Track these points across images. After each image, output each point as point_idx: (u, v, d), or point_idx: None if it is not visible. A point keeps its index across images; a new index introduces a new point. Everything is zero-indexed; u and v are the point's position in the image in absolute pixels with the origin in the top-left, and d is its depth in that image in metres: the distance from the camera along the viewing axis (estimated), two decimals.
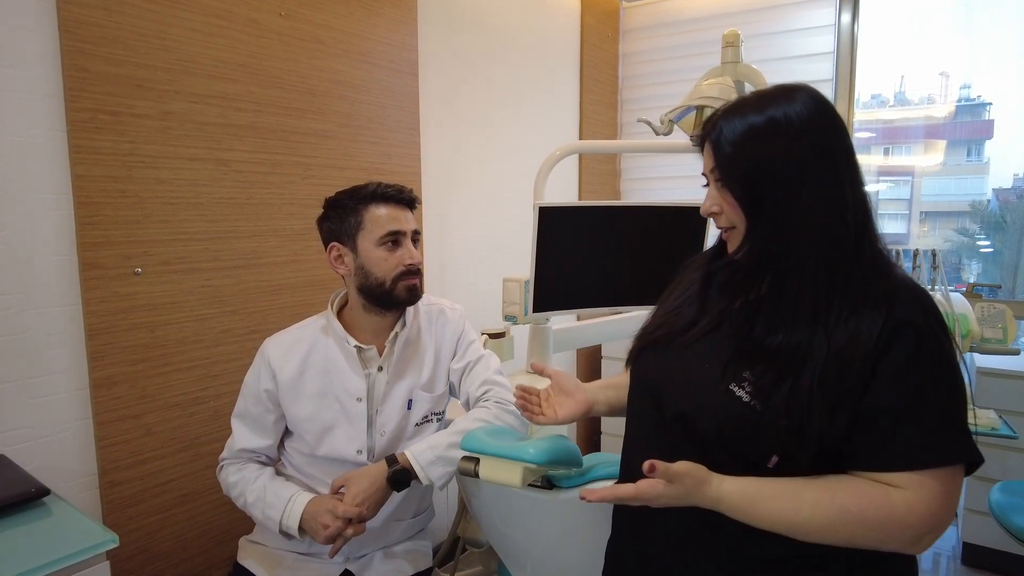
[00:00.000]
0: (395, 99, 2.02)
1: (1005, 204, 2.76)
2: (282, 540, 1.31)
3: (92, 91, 1.34)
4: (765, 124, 0.82)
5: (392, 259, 1.27)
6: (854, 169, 0.83)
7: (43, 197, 1.31)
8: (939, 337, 0.78)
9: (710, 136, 0.87)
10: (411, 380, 1.33)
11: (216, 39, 1.55)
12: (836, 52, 2.72)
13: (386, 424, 1.30)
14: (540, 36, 2.73)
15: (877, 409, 0.76)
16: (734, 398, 0.81)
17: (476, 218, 2.46)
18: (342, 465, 1.29)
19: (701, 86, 1.67)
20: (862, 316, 0.78)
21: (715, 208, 0.89)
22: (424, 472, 1.21)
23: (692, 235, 1.99)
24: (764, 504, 0.79)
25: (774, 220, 0.82)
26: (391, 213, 1.28)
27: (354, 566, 1.31)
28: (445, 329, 1.41)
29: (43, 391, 1.33)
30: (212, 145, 1.56)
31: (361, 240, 1.28)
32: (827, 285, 0.80)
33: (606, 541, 1.06)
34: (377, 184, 1.29)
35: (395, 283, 1.28)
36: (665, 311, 1.00)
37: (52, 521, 1.06)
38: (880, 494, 0.76)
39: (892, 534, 0.75)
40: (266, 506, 1.25)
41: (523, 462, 1.05)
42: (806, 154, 0.81)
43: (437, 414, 1.38)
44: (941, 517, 0.75)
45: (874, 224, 0.84)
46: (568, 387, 1.12)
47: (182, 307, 1.53)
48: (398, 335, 1.33)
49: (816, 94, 0.84)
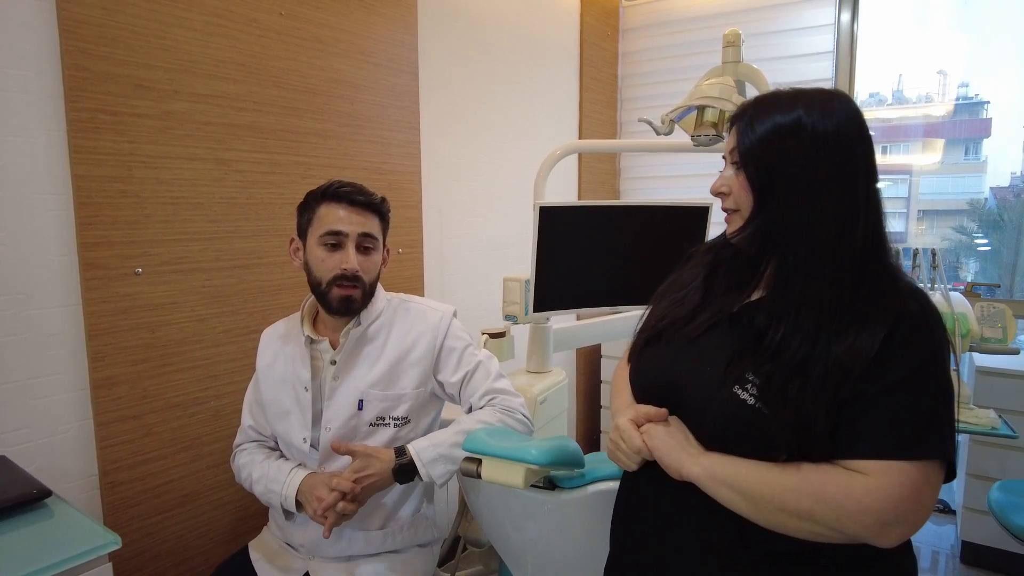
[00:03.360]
0: (395, 98, 2.02)
1: (1003, 203, 2.76)
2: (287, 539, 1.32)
3: (92, 91, 1.33)
4: (791, 125, 0.83)
5: (329, 261, 1.25)
6: (872, 181, 0.83)
7: (43, 197, 1.30)
8: (933, 336, 0.79)
9: (739, 120, 0.88)
10: (361, 378, 1.29)
11: (216, 38, 1.55)
12: (836, 51, 2.71)
13: (332, 420, 1.28)
14: (540, 35, 2.73)
15: (856, 396, 0.77)
16: (738, 401, 0.82)
17: (475, 217, 2.46)
18: (291, 450, 1.33)
19: (702, 86, 1.67)
20: (865, 325, 0.78)
21: (724, 188, 0.90)
22: (425, 469, 1.21)
23: (693, 234, 1.99)
24: (737, 463, 0.81)
25: (782, 211, 0.83)
26: (339, 213, 1.25)
27: (355, 565, 1.30)
28: (421, 334, 1.33)
29: (43, 392, 1.32)
30: (212, 145, 1.56)
31: (309, 236, 1.28)
32: (834, 291, 0.80)
33: (607, 541, 1.06)
34: (333, 182, 1.27)
35: (329, 287, 1.25)
36: (669, 302, 1.00)
37: (54, 523, 1.05)
38: (841, 474, 0.77)
39: (849, 515, 0.75)
40: (269, 480, 1.29)
41: (525, 463, 1.05)
42: (824, 165, 0.81)
43: (396, 418, 1.30)
44: (907, 509, 0.75)
45: (886, 238, 0.84)
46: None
47: (182, 307, 1.52)
48: (350, 331, 1.30)
49: (852, 106, 0.84)
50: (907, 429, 0.76)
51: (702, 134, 1.67)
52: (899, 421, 0.76)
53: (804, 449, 0.78)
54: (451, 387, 1.34)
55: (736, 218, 0.90)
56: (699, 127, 1.67)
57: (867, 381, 0.76)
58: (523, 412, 1.33)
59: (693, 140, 1.70)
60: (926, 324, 0.78)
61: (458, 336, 1.36)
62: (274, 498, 1.27)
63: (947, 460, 0.77)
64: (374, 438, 1.29)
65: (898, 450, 0.75)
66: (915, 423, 0.76)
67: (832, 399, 0.77)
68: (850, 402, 0.77)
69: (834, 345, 0.78)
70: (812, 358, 0.78)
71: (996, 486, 1.87)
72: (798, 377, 0.78)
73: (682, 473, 0.84)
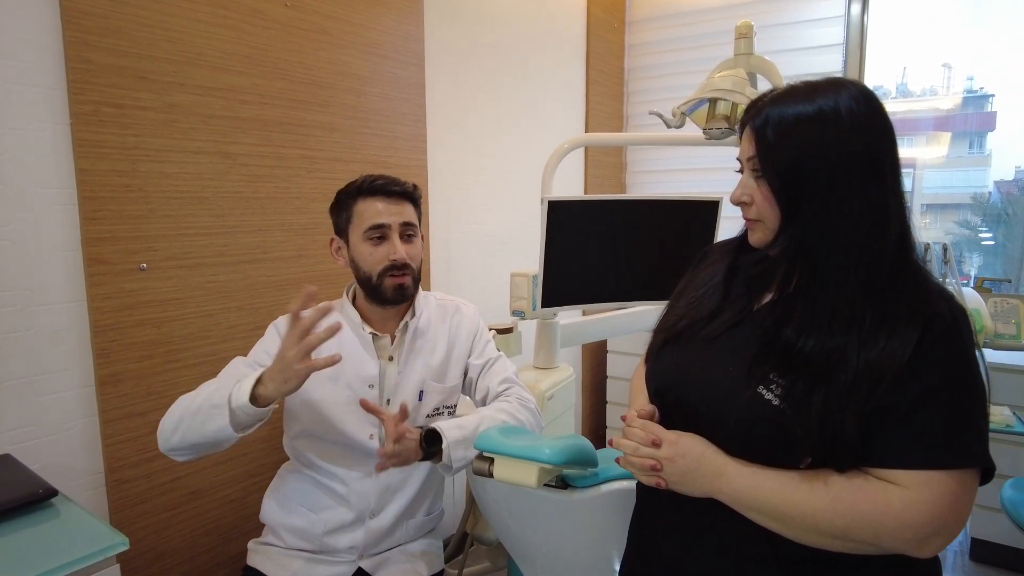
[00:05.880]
0: (401, 91, 1.99)
1: (1007, 197, 2.74)
2: (292, 540, 1.29)
3: (95, 83, 1.31)
4: (815, 115, 0.79)
5: (377, 254, 1.27)
6: (898, 175, 0.80)
7: (47, 192, 1.28)
8: (964, 339, 0.76)
9: (752, 122, 0.84)
10: (422, 370, 1.33)
11: (221, 30, 1.52)
12: (846, 43, 2.68)
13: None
14: (546, 27, 2.70)
15: (889, 404, 0.74)
16: (763, 401, 0.79)
17: (481, 211, 2.44)
18: (353, 451, 1.28)
19: (714, 78, 1.64)
20: (896, 329, 0.75)
21: (746, 198, 0.86)
22: (448, 450, 1.15)
23: (704, 229, 1.97)
24: (762, 486, 0.78)
25: (812, 219, 0.79)
26: (377, 207, 1.27)
27: (368, 564, 1.29)
28: (460, 325, 1.40)
29: (48, 389, 1.31)
30: (218, 138, 1.53)
31: (351, 234, 1.29)
32: (864, 293, 0.77)
33: (619, 540, 1.05)
34: (366, 177, 1.29)
35: (380, 279, 1.27)
36: (687, 301, 0.97)
37: (61, 523, 1.04)
38: (876, 488, 0.74)
39: (888, 531, 0.73)
40: (212, 393, 1.09)
41: (539, 462, 1.03)
42: (855, 153, 0.78)
43: (448, 407, 1.37)
44: (947, 521, 0.73)
45: (912, 234, 0.81)
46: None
47: (188, 303, 1.50)
48: (408, 324, 1.33)
49: (870, 93, 0.80)
50: (944, 437, 0.73)
51: (714, 127, 1.64)
52: (936, 429, 0.74)
53: (830, 454, 0.76)
54: (473, 369, 1.39)
55: (760, 228, 0.86)
56: (711, 120, 1.64)
57: (900, 387, 0.74)
58: (536, 408, 1.35)
59: (705, 133, 1.68)
60: (957, 327, 0.76)
61: (486, 329, 1.45)
62: (219, 405, 1.06)
63: (984, 466, 0.75)
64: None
65: (936, 460, 0.73)
66: (952, 430, 0.74)
67: (863, 406, 0.74)
68: (883, 409, 0.74)
69: (864, 350, 0.75)
70: (840, 364, 0.75)
71: (1008, 483, 1.86)
72: (823, 384, 0.75)
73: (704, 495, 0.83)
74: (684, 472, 0.83)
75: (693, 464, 0.83)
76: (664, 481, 0.85)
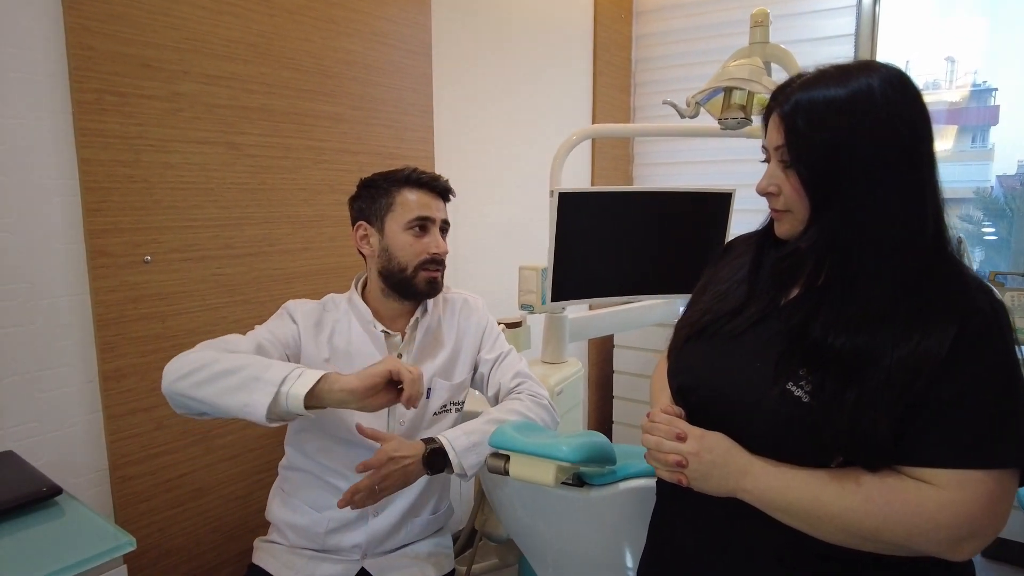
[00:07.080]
0: (408, 81, 1.96)
1: (1010, 191, 2.71)
2: (295, 538, 1.27)
3: (98, 71, 1.28)
4: (848, 101, 0.75)
5: (418, 245, 1.26)
6: (934, 165, 0.77)
7: (48, 182, 1.25)
8: (1004, 335, 0.73)
9: (780, 108, 0.80)
10: (430, 368, 1.30)
11: (226, 17, 1.49)
12: (856, 34, 2.65)
13: (406, 412, 1.25)
14: (553, 17, 2.66)
15: (925, 401, 0.71)
16: (792, 398, 0.76)
17: (489, 204, 2.40)
18: (359, 449, 1.24)
19: (729, 67, 1.60)
20: (932, 324, 0.72)
21: (772, 188, 0.82)
22: (459, 459, 1.14)
23: (715, 221, 1.93)
24: (790, 485, 0.76)
25: (844, 210, 0.76)
26: (423, 199, 1.28)
27: (372, 565, 1.27)
28: (469, 320, 1.38)
29: (51, 384, 1.28)
30: (223, 128, 1.50)
31: (389, 222, 1.27)
32: (898, 288, 0.74)
33: (634, 539, 1.02)
34: (413, 169, 1.29)
35: (416, 271, 1.26)
36: (711, 296, 0.94)
37: (65, 522, 1.01)
38: (909, 488, 0.71)
39: (921, 533, 0.70)
40: (252, 363, 1.03)
41: (556, 460, 1.00)
42: (891, 141, 0.74)
43: (455, 403, 1.35)
44: (984, 523, 0.70)
45: (947, 226, 0.78)
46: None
47: (193, 296, 1.47)
48: (419, 321, 1.31)
49: (905, 77, 0.76)
50: (982, 435, 0.70)
51: (729, 117, 1.61)
52: (974, 427, 0.71)
53: (861, 453, 0.74)
54: (485, 364, 1.37)
55: (788, 219, 0.82)
56: (726, 110, 1.61)
57: (938, 383, 0.71)
58: (550, 402, 1.32)
59: (720, 123, 1.64)
60: (997, 322, 0.73)
61: (495, 322, 1.43)
62: (263, 375, 0.99)
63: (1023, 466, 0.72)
64: (438, 425, 1.30)
65: (974, 459, 0.70)
66: (991, 428, 0.70)
67: (897, 404, 0.71)
68: (919, 406, 0.71)
69: (898, 347, 0.72)
70: (872, 361, 0.72)
71: None
72: (855, 381, 0.72)
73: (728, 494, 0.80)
74: (709, 468, 0.80)
75: (720, 459, 0.80)
76: (686, 478, 0.82)
